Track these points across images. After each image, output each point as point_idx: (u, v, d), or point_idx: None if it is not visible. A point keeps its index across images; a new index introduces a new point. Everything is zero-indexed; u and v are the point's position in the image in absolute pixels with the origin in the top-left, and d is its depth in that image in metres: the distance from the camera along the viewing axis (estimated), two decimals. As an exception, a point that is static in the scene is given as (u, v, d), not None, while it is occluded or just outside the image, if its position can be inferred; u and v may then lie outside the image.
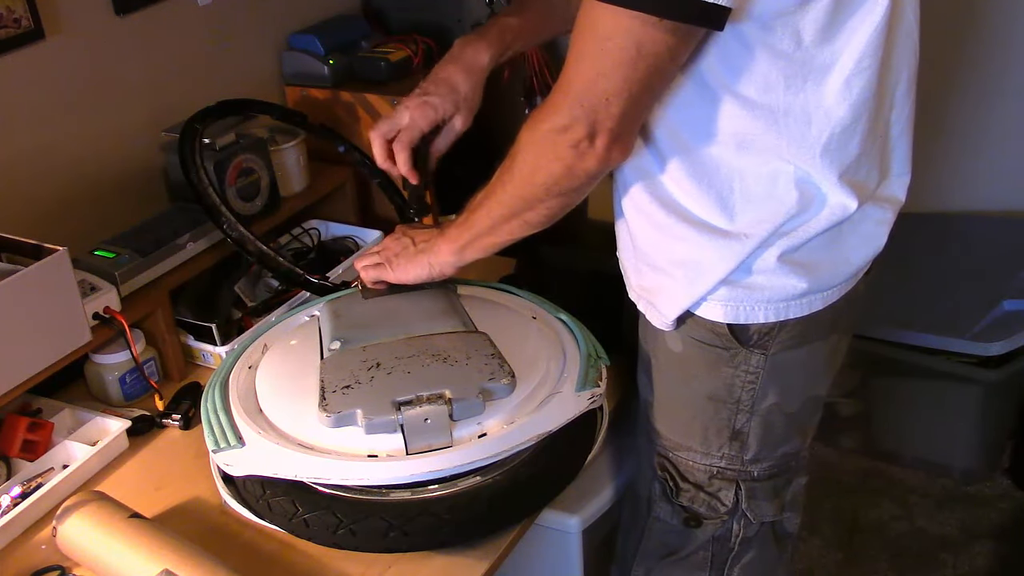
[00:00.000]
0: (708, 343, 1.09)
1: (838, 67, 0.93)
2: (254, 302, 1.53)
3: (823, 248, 1.03)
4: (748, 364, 1.09)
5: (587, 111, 0.92)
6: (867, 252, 1.07)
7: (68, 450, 1.27)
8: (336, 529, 1.06)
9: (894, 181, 1.08)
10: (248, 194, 1.53)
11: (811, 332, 1.08)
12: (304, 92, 1.79)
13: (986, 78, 2.02)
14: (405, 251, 1.24)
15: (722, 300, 1.05)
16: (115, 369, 1.37)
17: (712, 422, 1.14)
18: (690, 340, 1.10)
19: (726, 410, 1.13)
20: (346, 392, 1.10)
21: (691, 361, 1.11)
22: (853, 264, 1.06)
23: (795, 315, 1.05)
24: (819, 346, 1.10)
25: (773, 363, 1.08)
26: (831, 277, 1.05)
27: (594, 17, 0.89)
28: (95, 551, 1.06)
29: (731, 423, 1.13)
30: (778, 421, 1.14)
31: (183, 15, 1.59)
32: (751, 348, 1.07)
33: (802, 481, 1.23)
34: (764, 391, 1.10)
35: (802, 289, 1.03)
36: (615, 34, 0.88)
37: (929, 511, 2.06)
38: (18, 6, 1.33)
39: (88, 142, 1.48)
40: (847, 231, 1.03)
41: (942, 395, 2.00)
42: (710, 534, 1.21)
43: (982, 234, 2.09)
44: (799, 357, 1.09)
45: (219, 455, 1.13)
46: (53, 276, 1.21)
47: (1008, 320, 1.91)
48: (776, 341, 1.07)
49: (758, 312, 1.04)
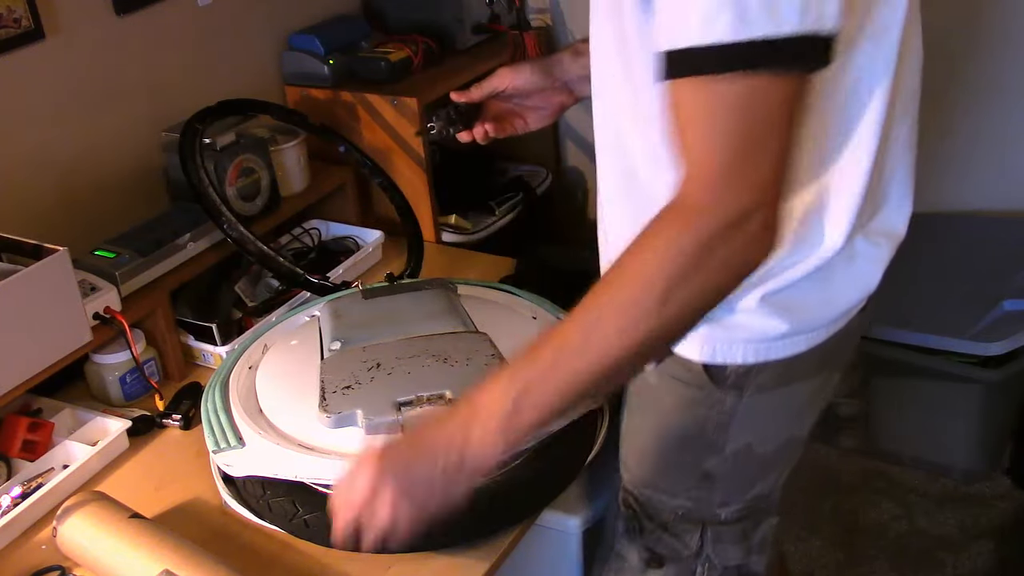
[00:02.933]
0: (682, 380, 1.00)
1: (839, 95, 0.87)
2: (254, 302, 1.53)
3: (808, 290, 0.94)
4: (722, 405, 1.00)
5: (760, 192, 0.77)
6: (856, 294, 0.98)
7: (68, 450, 1.27)
8: (336, 529, 1.06)
9: (891, 213, 1.00)
10: (248, 194, 1.53)
11: (792, 373, 0.99)
12: (304, 92, 1.79)
13: (986, 77, 2.02)
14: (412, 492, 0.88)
15: (699, 338, 0.96)
16: (115, 369, 1.37)
17: (681, 462, 1.06)
18: (665, 375, 1.02)
19: (695, 451, 1.04)
20: (346, 392, 1.10)
21: (664, 397, 1.04)
22: (839, 307, 0.98)
23: (776, 356, 0.96)
24: (799, 387, 1.02)
25: (748, 405, 1.00)
26: (815, 319, 0.97)
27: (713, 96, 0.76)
28: (95, 551, 1.06)
29: (700, 464, 1.05)
30: (750, 463, 1.06)
31: (183, 15, 1.59)
32: (726, 389, 0.99)
33: (772, 522, 1.15)
34: (737, 433, 1.02)
35: (783, 331, 0.95)
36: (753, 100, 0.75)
37: (929, 511, 2.06)
38: (18, 6, 1.33)
39: (88, 142, 1.48)
40: (836, 271, 0.95)
41: (942, 395, 2.00)
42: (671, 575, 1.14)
43: (982, 234, 2.08)
44: (777, 399, 1.01)
45: (219, 455, 1.13)
46: (53, 276, 1.21)
47: (1008, 320, 1.91)
48: (753, 382, 0.98)
49: (736, 352, 0.96)
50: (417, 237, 1.63)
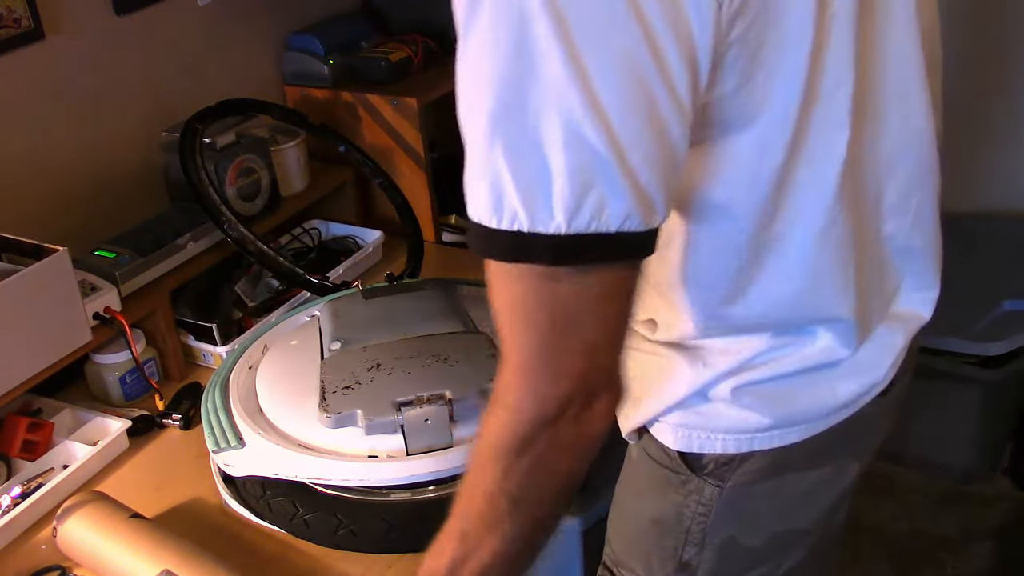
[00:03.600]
0: (658, 461, 0.90)
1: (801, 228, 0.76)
2: (254, 302, 1.53)
3: (797, 382, 0.84)
4: (700, 495, 0.88)
5: (577, 380, 0.69)
6: (858, 386, 0.85)
7: (68, 450, 1.27)
8: (336, 530, 1.06)
9: (907, 296, 0.90)
10: (248, 194, 1.53)
11: (783, 464, 0.87)
12: (304, 92, 1.79)
13: (986, 78, 2.02)
14: None
15: (673, 424, 0.86)
16: (115, 369, 1.37)
17: (656, 548, 0.94)
18: (643, 453, 0.92)
19: (672, 538, 0.92)
20: (346, 392, 1.10)
21: (640, 476, 0.94)
22: (839, 399, 0.85)
23: (761, 447, 0.85)
24: (794, 479, 0.89)
25: (731, 495, 0.88)
26: (806, 412, 0.84)
27: (509, 280, 0.67)
28: (95, 551, 1.06)
29: (677, 554, 0.93)
30: (737, 556, 0.93)
31: (183, 15, 1.59)
32: (704, 477, 0.87)
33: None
34: (718, 524, 0.90)
35: (766, 424, 0.83)
36: (544, 294, 0.67)
37: (929, 511, 2.06)
38: (18, 6, 1.33)
39: (88, 142, 1.48)
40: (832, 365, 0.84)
41: (942, 395, 2.00)
42: None
43: (982, 234, 2.09)
44: (765, 491, 0.88)
45: (219, 455, 1.13)
46: (53, 276, 1.21)
47: (1008, 320, 1.91)
48: (737, 472, 0.87)
49: (715, 442, 0.85)
50: (417, 237, 1.63)
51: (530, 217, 0.63)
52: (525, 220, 0.63)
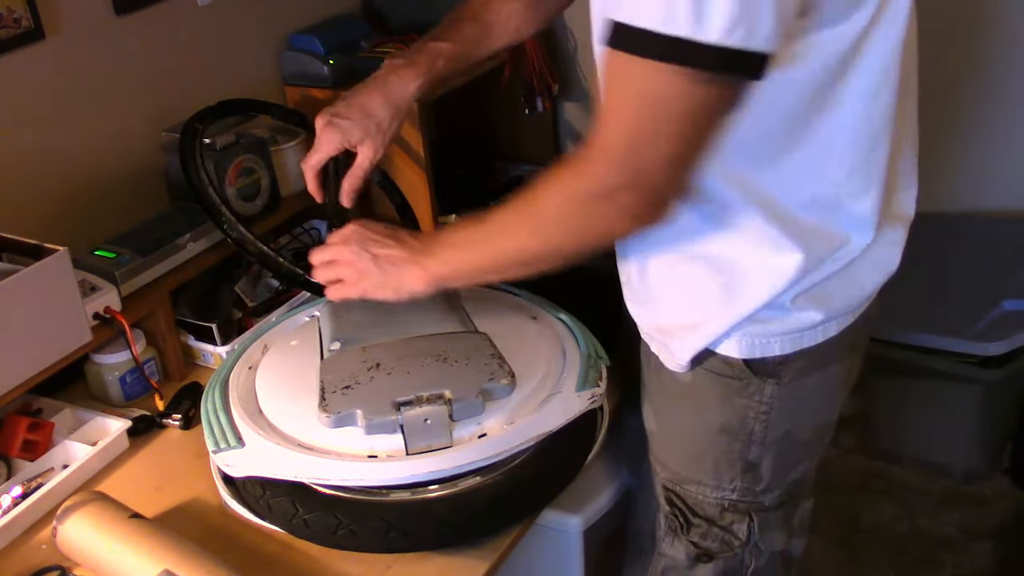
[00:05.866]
0: (721, 374, 1.05)
1: (857, 90, 0.90)
2: (254, 302, 1.53)
3: (838, 279, 1.00)
4: (761, 395, 1.04)
5: (638, 177, 0.86)
6: (880, 277, 1.04)
7: (68, 450, 1.27)
8: (336, 529, 1.06)
9: (902, 196, 1.04)
10: (248, 194, 1.53)
11: (824, 358, 1.04)
12: (304, 92, 1.79)
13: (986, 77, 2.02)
14: (367, 273, 1.12)
15: (737, 336, 1.01)
16: (115, 369, 1.37)
17: (724, 455, 1.09)
18: (701, 371, 1.06)
19: (739, 442, 1.08)
20: (346, 392, 1.10)
21: (702, 393, 1.07)
22: (867, 290, 1.03)
23: (809, 344, 1.01)
24: (833, 370, 1.07)
25: (786, 392, 1.04)
26: (845, 305, 1.02)
27: (632, 74, 0.81)
28: (95, 551, 1.06)
29: (744, 455, 1.09)
30: (791, 449, 1.10)
31: (183, 15, 1.59)
32: (765, 378, 1.03)
33: (808, 505, 1.20)
34: (778, 421, 1.06)
35: (818, 320, 1.00)
36: (658, 91, 0.81)
37: (929, 511, 2.06)
38: (18, 6, 1.33)
39: (88, 142, 1.48)
40: (860, 259, 1.00)
41: (942, 395, 2.00)
42: (720, 568, 1.16)
43: (982, 234, 2.08)
44: (812, 384, 1.06)
45: (219, 456, 1.13)
46: (53, 276, 1.21)
47: (1008, 320, 1.91)
48: (791, 370, 1.03)
49: (774, 345, 1.01)
50: (417, 237, 1.63)
51: (694, 27, 0.76)
52: (691, 28, 0.76)
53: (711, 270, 0.99)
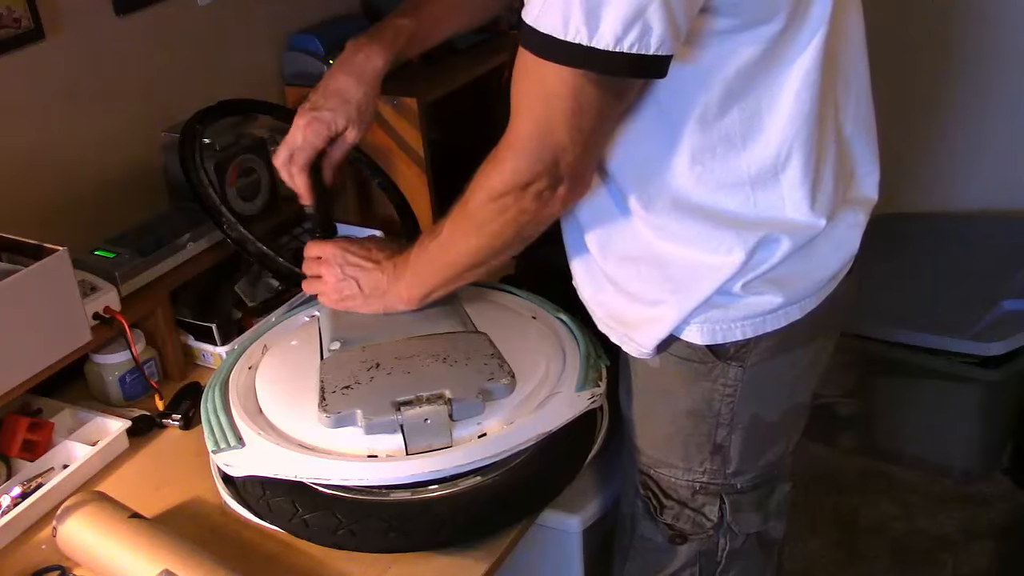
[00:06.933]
0: (685, 358, 1.08)
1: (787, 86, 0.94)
2: (254, 302, 1.53)
3: (795, 263, 1.02)
4: (726, 377, 1.07)
5: (546, 165, 0.94)
6: (841, 258, 1.06)
7: (68, 450, 1.27)
8: (336, 529, 1.06)
9: (862, 181, 1.08)
10: (248, 194, 1.53)
11: (790, 341, 1.06)
12: (304, 92, 1.77)
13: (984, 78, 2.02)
14: (353, 297, 1.22)
15: (698, 323, 1.04)
16: (115, 369, 1.37)
17: (692, 437, 1.12)
18: (667, 356, 1.09)
19: (706, 424, 1.11)
20: (346, 392, 1.10)
21: (668, 377, 1.10)
22: (828, 270, 1.05)
23: (772, 328, 1.04)
24: (799, 354, 1.09)
25: (752, 375, 1.07)
26: (806, 288, 1.04)
27: (537, 73, 0.90)
28: (95, 551, 1.06)
29: (711, 437, 1.12)
30: (759, 432, 1.12)
31: (183, 15, 1.59)
32: (728, 361, 1.06)
33: (785, 488, 1.22)
34: (743, 403, 1.09)
35: (777, 303, 1.02)
36: (560, 90, 0.89)
37: (929, 511, 2.06)
38: (18, 6, 1.33)
39: (88, 142, 1.48)
40: (819, 242, 1.03)
41: (942, 395, 2.00)
42: (696, 550, 1.19)
43: (982, 234, 2.09)
44: (778, 366, 1.08)
45: (219, 455, 1.13)
46: (53, 276, 1.21)
47: (1008, 320, 1.91)
48: (754, 353, 1.06)
49: (735, 330, 1.04)
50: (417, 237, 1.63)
51: (588, 34, 0.83)
52: (585, 36, 0.83)
53: (654, 269, 1.04)
